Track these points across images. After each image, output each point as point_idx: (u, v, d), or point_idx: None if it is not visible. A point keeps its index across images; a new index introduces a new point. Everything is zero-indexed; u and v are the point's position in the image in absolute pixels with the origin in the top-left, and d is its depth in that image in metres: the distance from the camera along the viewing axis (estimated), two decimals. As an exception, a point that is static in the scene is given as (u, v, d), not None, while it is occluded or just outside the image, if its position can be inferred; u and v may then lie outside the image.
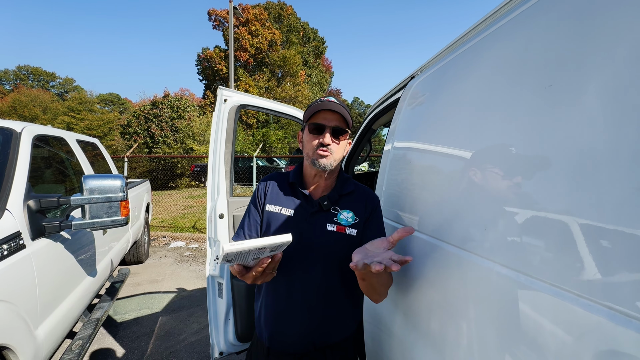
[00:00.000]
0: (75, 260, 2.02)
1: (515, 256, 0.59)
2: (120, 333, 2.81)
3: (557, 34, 0.59)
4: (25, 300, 1.44)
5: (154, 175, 12.81)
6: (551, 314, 0.50)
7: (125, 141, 15.65)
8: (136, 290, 3.74)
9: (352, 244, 0.96)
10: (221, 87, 1.80)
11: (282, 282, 0.97)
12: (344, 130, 0.98)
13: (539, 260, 0.54)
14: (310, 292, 0.96)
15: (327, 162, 0.96)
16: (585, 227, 0.46)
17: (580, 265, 0.46)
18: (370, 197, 1.05)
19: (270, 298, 0.99)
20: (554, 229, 0.51)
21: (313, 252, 0.96)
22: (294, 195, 1.03)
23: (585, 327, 0.45)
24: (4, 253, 1.35)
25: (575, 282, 0.47)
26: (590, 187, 0.46)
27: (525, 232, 0.57)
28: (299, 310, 0.96)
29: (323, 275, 0.96)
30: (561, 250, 0.50)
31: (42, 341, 1.53)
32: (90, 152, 3.17)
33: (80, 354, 1.84)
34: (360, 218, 0.99)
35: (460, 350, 0.73)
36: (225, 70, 26.52)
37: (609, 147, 0.45)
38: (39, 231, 1.62)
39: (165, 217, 8.03)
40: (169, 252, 5.43)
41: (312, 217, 0.98)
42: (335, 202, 1.00)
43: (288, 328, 0.96)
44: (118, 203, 1.83)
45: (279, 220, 0.99)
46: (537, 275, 0.53)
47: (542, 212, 0.54)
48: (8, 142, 1.76)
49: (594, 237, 0.45)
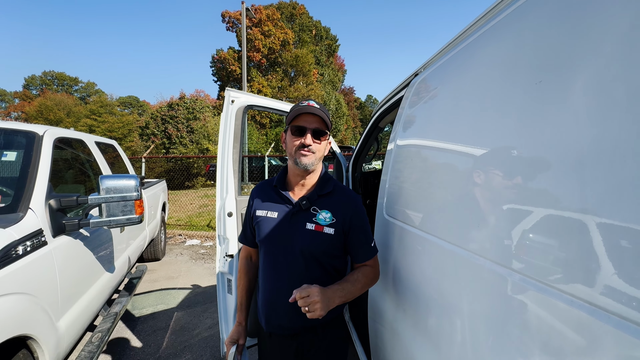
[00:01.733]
0: (94, 257, 2.12)
1: (518, 255, 0.58)
2: (137, 327, 2.92)
3: (560, 25, 0.58)
4: (48, 294, 1.53)
5: (170, 175, 13.15)
6: (549, 313, 0.51)
7: (143, 142, 16.13)
8: (153, 286, 3.88)
9: (330, 241, 1.06)
10: (228, 88, 1.84)
11: (271, 275, 1.11)
12: (324, 132, 1.07)
13: (540, 260, 0.53)
14: (295, 283, 1.04)
15: (308, 161, 1.05)
16: (602, 226, 0.44)
17: (594, 269, 0.45)
18: (349, 199, 1.12)
19: (263, 290, 1.13)
20: (560, 229, 0.50)
21: (295, 249, 1.06)
22: (278, 198, 1.12)
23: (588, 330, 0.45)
24: (28, 249, 1.44)
25: (579, 284, 0.46)
26: (610, 185, 0.44)
27: (528, 231, 0.57)
28: (286, 298, 1.03)
29: (306, 269, 1.07)
30: (562, 250, 0.49)
31: (64, 332, 1.62)
32: (110, 154, 3.30)
33: (100, 345, 1.93)
34: (338, 218, 1.07)
35: (465, 348, 0.73)
36: (238, 71, 26.86)
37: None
38: (59, 229, 1.71)
39: (181, 215, 8.25)
40: (184, 249, 5.58)
41: (294, 217, 1.08)
42: (314, 202, 1.09)
43: (279, 314, 1.09)
44: (132, 202, 1.90)
45: (266, 223, 1.11)
46: (538, 276, 0.53)
47: (550, 211, 0.53)
48: (31, 145, 1.87)
49: (614, 239, 0.42)
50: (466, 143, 0.82)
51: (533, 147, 0.58)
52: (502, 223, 0.63)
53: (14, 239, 1.38)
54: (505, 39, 0.73)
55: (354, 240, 1.09)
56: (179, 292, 3.70)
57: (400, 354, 1.06)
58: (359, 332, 1.88)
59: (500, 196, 0.65)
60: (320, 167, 1.14)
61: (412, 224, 1.08)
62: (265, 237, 1.10)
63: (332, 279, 1.10)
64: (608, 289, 0.41)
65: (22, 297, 1.34)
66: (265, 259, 1.13)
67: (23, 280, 1.37)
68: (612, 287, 0.41)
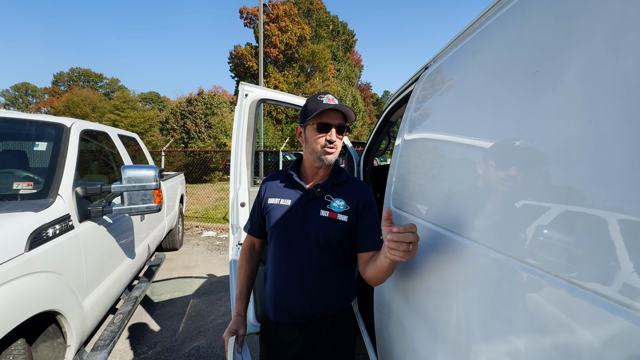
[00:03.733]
0: (117, 243, 2.24)
1: (523, 247, 0.58)
2: (156, 312, 3.07)
3: (577, 10, 0.54)
4: (74, 274, 1.64)
5: (189, 169, 13.51)
6: (554, 305, 0.50)
7: (163, 137, 16.62)
8: (171, 274, 4.04)
9: (343, 228, 1.07)
10: (242, 82, 1.90)
11: (283, 262, 1.09)
12: (346, 127, 1.09)
13: (545, 251, 0.53)
14: (308, 270, 1.06)
15: (333, 157, 1.07)
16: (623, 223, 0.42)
17: (598, 261, 0.44)
18: (363, 189, 1.14)
19: (274, 277, 1.12)
20: (565, 222, 0.50)
21: (308, 235, 1.06)
22: (292, 186, 1.14)
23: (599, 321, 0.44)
24: (57, 232, 1.56)
25: (586, 277, 0.46)
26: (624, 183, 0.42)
27: (534, 223, 0.56)
28: (298, 286, 1.07)
29: (318, 256, 1.07)
30: (565, 242, 0.49)
31: (88, 311, 1.74)
32: (132, 147, 3.45)
33: (121, 326, 2.06)
34: (351, 206, 1.08)
35: (464, 333, 0.76)
36: (255, 67, 27.11)
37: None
38: (85, 214, 1.83)
39: (198, 208, 8.49)
40: (201, 240, 5.75)
41: (308, 204, 1.09)
42: (328, 190, 1.10)
43: (290, 302, 1.08)
44: (152, 191, 2.00)
45: (279, 210, 1.11)
46: (543, 266, 0.53)
47: (556, 205, 0.52)
48: (60, 135, 2.00)
49: (631, 233, 0.41)
50: (476, 136, 0.81)
51: (548, 140, 0.55)
52: (512, 216, 0.62)
53: (45, 222, 1.50)
54: (526, 25, 0.69)
55: (364, 227, 1.09)
56: (195, 281, 3.84)
57: (404, 342, 1.08)
58: (366, 322, 1.92)
59: (511, 191, 0.64)
60: None
61: (419, 215, 1.09)
62: (277, 224, 1.10)
63: (343, 268, 1.12)
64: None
65: (52, 276, 1.46)
66: (277, 245, 1.12)
67: (52, 260, 1.48)
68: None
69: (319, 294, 1.07)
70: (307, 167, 1.15)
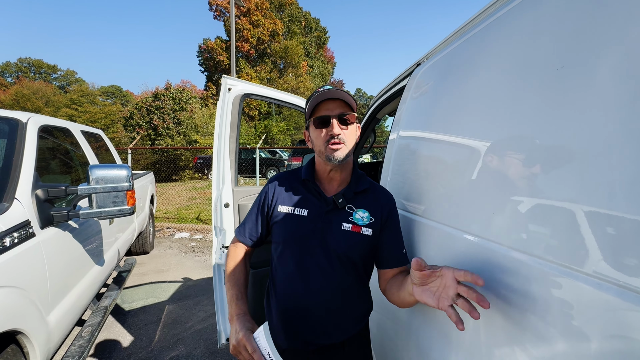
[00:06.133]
0: (84, 250, 2.05)
1: (522, 240, 0.59)
2: (128, 321, 2.86)
3: (570, 13, 0.57)
4: (37, 287, 1.47)
5: (157, 167, 12.88)
6: (565, 297, 0.50)
7: (128, 133, 15.69)
8: (142, 279, 3.80)
9: (368, 244, 0.94)
10: (225, 76, 1.79)
11: (299, 281, 0.94)
12: (351, 114, 0.93)
13: (548, 244, 0.54)
14: (328, 291, 0.93)
15: (341, 153, 0.91)
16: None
17: (594, 250, 0.46)
18: (387, 198, 1.01)
19: (287, 298, 0.96)
20: (563, 216, 0.51)
21: (330, 252, 0.92)
22: (307, 193, 0.99)
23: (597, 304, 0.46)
24: (15, 241, 1.38)
25: (587, 265, 0.47)
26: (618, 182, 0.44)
27: (532, 220, 0.57)
28: (319, 309, 0.93)
29: (340, 275, 0.93)
30: (571, 235, 0.50)
31: (54, 327, 1.57)
32: (95, 144, 3.18)
33: (90, 340, 1.88)
34: (376, 218, 0.95)
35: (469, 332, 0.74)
36: (226, 61, 26.33)
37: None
38: (47, 220, 1.64)
39: (169, 208, 8.10)
40: (173, 242, 5.49)
41: (327, 215, 0.95)
42: (350, 199, 0.96)
43: (307, 327, 0.94)
44: (124, 192, 1.84)
45: (293, 221, 0.96)
46: (547, 257, 0.54)
47: (551, 201, 0.54)
48: (14, 132, 1.78)
49: (605, 229, 0.44)
50: (473, 134, 0.82)
51: (544, 138, 0.57)
52: (511, 211, 0.63)
53: (0, 230, 1.32)
54: (523, 25, 0.72)
55: (388, 241, 0.96)
56: (169, 285, 3.64)
57: (406, 343, 1.06)
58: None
59: (509, 188, 0.64)
60: (351, 158, 0.99)
61: (416, 212, 1.07)
62: (291, 236, 0.95)
63: (364, 287, 1.00)
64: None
65: (11, 291, 1.28)
66: (289, 262, 0.96)
67: (11, 273, 1.31)
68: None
69: (341, 318, 0.95)
70: (321, 172, 1.00)
